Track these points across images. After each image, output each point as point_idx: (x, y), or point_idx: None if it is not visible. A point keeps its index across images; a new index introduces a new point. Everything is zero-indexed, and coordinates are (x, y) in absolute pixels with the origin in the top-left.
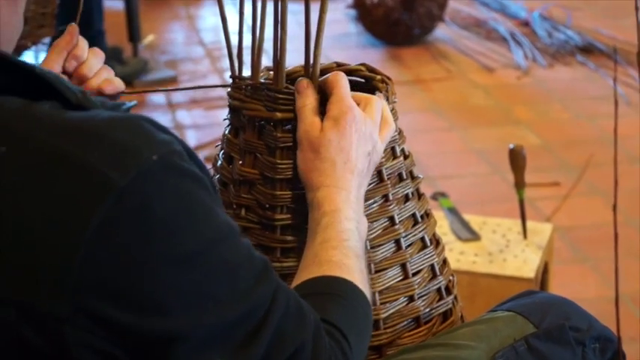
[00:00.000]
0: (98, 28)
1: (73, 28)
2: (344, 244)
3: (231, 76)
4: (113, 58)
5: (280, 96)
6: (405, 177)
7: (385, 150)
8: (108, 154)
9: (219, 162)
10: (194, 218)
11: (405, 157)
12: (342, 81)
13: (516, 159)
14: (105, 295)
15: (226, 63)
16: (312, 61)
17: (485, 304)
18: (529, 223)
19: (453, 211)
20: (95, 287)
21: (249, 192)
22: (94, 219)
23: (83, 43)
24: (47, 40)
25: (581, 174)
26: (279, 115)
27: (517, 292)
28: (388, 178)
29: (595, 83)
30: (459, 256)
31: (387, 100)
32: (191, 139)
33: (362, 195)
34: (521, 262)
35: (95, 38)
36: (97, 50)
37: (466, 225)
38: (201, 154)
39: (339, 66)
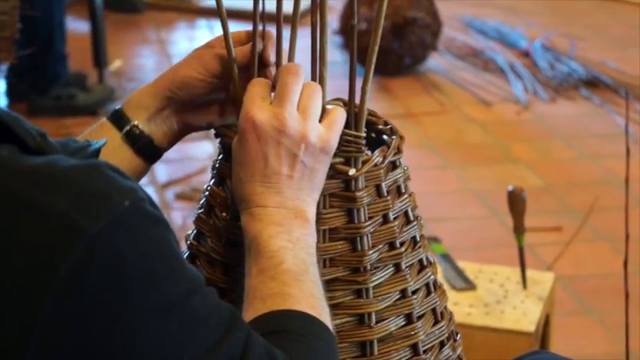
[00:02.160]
0: (59, 51)
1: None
2: (279, 269)
3: None
4: (76, 84)
5: None
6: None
7: (398, 217)
8: (76, 200)
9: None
10: (169, 268)
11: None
12: (249, 89)
13: (516, 202)
14: (71, 354)
15: None
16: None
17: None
18: (529, 272)
19: (446, 258)
20: (61, 344)
21: None
22: (62, 269)
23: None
24: (5, 65)
25: (585, 218)
26: None
27: (515, 347)
28: (401, 245)
29: (600, 120)
30: (453, 307)
31: (384, 159)
32: (161, 174)
33: (297, 199)
34: (521, 314)
35: (56, 62)
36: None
37: (461, 273)
38: (172, 191)
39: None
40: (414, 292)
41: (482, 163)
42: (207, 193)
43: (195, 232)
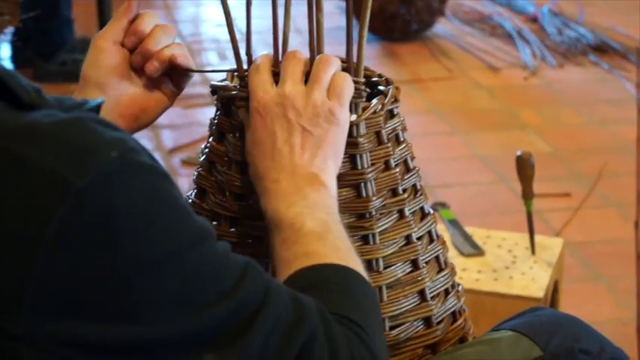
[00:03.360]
0: (66, 16)
1: None
2: (300, 232)
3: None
4: (81, 49)
5: None
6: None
7: (398, 165)
8: (63, 154)
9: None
10: (166, 216)
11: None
12: (251, 77)
13: (524, 167)
14: (68, 309)
15: (206, 58)
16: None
17: (489, 325)
18: (537, 238)
19: (454, 224)
20: (55, 300)
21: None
22: (52, 223)
23: (148, 17)
24: (10, 30)
25: (594, 184)
26: None
27: None
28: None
29: (609, 85)
30: (461, 272)
31: (382, 106)
32: (167, 140)
33: (310, 166)
34: (529, 280)
35: (62, 27)
36: (167, 26)
37: (469, 239)
38: (178, 157)
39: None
40: (418, 239)
41: (490, 129)
42: (207, 150)
43: (195, 191)
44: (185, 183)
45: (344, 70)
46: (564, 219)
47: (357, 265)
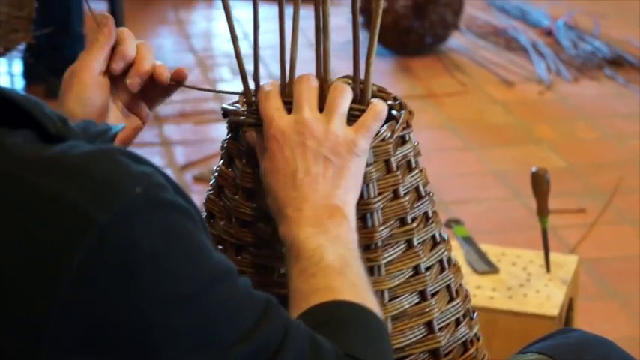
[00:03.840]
0: (77, 32)
1: (108, 19)
2: (319, 265)
3: (244, 97)
4: None
5: None
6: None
7: (409, 193)
8: (86, 188)
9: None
10: (187, 256)
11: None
12: (262, 104)
13: (539, 184)
14: (88, 347)
15: (219, 73)
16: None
17: (503, 344)
18: (552, 255)
19: (468, 241)
20: (76, 339)
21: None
22: (74, 260)
23: (129, 38)
24: (22, 46)
25: (609, 200)
26: None
27: (538, 331)
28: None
29: (624, 99)
30: (475, 290)
31: (392, 134)
32: (179, 156)
33: (332, 197)
34: (544, 297)
35: (74, 43)
36: (147, 45)
37: (483, 256)
38: (190, 174)
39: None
40: (427, 269)
41: (505, 144)
42: (216, 174)
43: (206, 214)
44: (197, 199)
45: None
46: (579, 235)
47: (373, 303)
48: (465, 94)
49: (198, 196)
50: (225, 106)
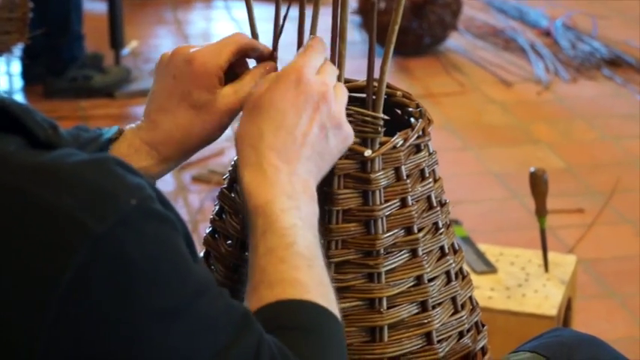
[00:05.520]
0: (76, 31)
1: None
2: (290, 250)
3: None
4: (92, 65)
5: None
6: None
7: (418, 202)
8: (82, 198)
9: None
10: (175, 270)
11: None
12: (308, 49)
13: (538, 184)
14: (76, 356)
15: None
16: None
17: (501, 344)
18: (551, 255)
19: (466, 241)
20: (66, 346)
21: None
22: (68, 269)
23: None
24: (19, 47)
25: (608, 200)
26: None
27: (537, 331)
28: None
29: (623, 100)
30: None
31: (404, 141)
32: None
33: (309, 172)
34: (542, 297)
35: (72, 43)
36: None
37: (481, 256)
38: (189, 173)
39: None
40: (430, 280)
41: (503, 145)
42: (231, 167)
43: (218, 207)
44: (195, 199)
45: (363, 104)
46: (577, 235)
47: (333, 302)
48: (464, 94)
49: (197, 195)
50: None
